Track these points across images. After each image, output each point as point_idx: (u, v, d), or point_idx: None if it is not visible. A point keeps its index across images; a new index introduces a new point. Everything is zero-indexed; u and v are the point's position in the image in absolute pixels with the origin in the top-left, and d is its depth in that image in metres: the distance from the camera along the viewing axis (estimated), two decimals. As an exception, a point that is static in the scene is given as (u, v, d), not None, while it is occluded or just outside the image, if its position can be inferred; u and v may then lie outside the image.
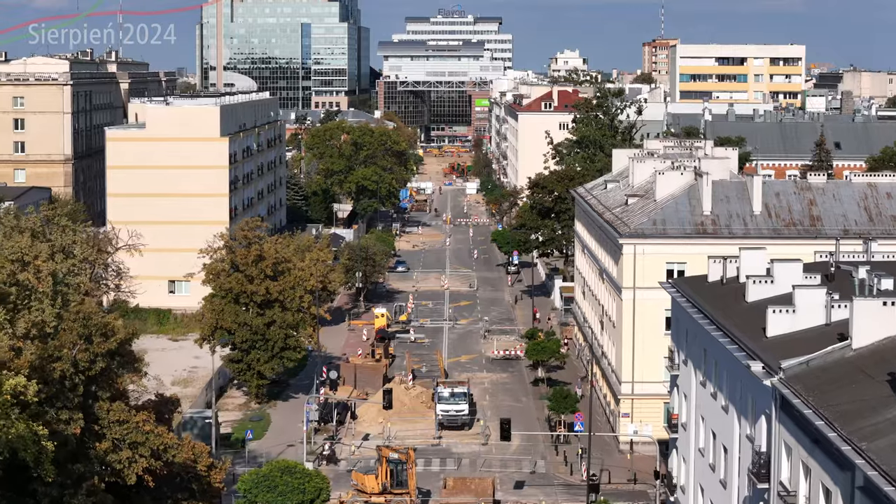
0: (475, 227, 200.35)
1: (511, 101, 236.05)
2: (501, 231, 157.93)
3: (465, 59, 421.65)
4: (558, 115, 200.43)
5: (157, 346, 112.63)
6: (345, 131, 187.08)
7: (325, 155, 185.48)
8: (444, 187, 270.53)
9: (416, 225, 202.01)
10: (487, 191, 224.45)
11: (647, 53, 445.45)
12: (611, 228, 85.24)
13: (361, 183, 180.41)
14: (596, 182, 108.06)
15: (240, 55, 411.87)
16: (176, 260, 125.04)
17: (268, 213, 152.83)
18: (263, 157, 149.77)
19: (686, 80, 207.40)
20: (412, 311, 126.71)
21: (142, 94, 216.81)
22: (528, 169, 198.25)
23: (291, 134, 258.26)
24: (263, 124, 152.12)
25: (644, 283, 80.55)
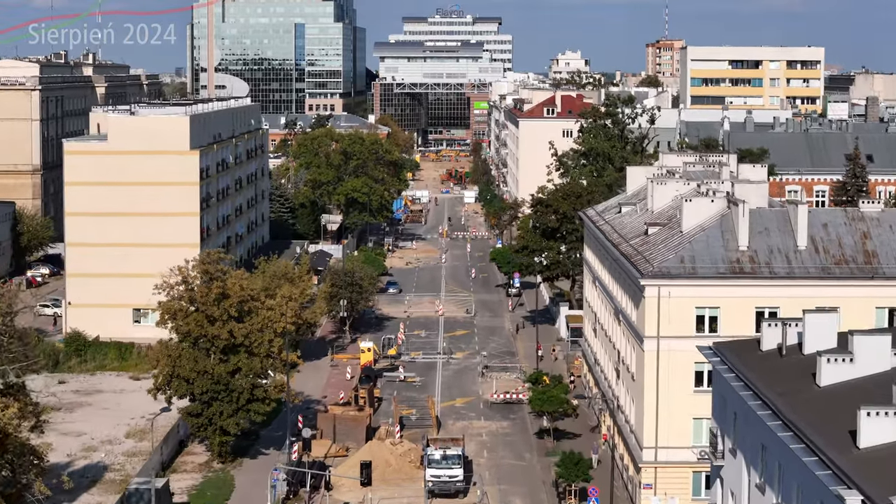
0: (473, 240, 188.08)
1: (511, 106, 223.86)
2: (501, 249, 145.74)
3: (463, 60, 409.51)
4: (561, 122, 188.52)
5: (116, 387, 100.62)
6: (334, 139, 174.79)
7: (313, 165, 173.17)
8: (441, 195, 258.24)
9: (410, 239, 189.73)
10: (486, 201, 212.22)
11: (651, 55, 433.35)
12: (629, 264, 72.96)
13: (351, 195, 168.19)
14: (608, 203, 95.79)
15: (231, 56, 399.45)
16: (140, 286, 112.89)
17: (247, 230, 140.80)
18: (242, 169, 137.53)
19: (697, 84, 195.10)
20: (402, 344, 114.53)
21: (120, 99, 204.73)
22: (529, 179, 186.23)
23: (281, 139, 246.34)
24: (242, 133, 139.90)
25: (670, 332, 68.35)
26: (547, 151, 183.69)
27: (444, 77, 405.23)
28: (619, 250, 77.97)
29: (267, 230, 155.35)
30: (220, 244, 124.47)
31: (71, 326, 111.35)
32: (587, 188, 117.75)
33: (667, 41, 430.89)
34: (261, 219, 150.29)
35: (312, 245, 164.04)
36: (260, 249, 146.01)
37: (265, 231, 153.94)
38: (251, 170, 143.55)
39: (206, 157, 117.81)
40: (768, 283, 68.39)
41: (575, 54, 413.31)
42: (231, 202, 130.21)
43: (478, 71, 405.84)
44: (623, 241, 79.35)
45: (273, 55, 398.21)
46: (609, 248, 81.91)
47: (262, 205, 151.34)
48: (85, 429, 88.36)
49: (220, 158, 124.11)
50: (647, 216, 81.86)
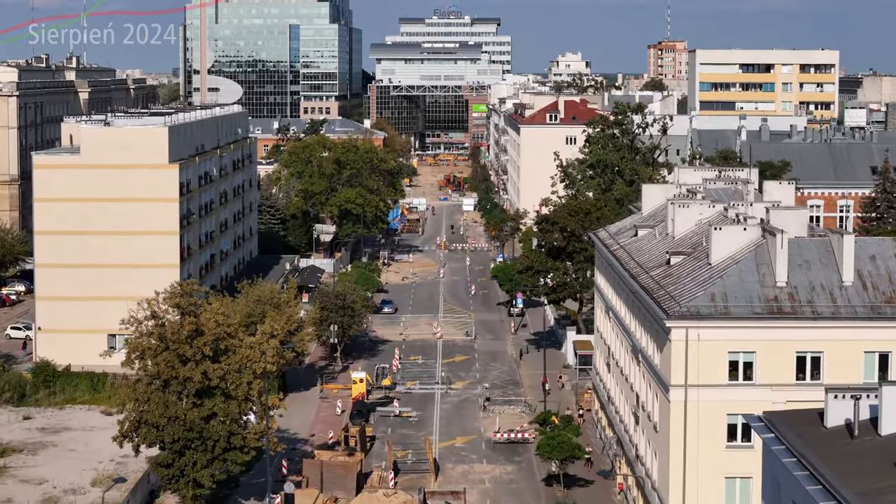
0: (472, 252, 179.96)
1: (512, 111, 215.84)
2: (503, 266, 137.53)
3: (461, 61, 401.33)
4: (565, 129, 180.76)
5: (86, 423, 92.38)
6: (326, 147, 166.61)
7: (305, 174, 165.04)
8: (438, 202, 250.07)
9: (406, 251, 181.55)
10: (486, 211, 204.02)
11: (653, 56, 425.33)
12: (651, 301, 64.82)
13: (345, 206, 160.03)
14: (622, 225, 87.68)
15: (225, 58, 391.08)
16: (116, 310, 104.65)
17: (234, 246, 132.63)
18: (228, 182, 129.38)
19: (706, 88, 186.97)
20: (398, 372, 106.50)
21: (105, 105, 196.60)
22: (531, 189, 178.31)
23: (274, 145, 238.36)
24: (228, 143, 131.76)
25: (700, 380, 60.26)
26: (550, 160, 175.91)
27: (442, 79, 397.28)
28: (637, 282, 69.82)
29: (255, 244, 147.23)
30: (203, 264, 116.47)
31: (40, 354, 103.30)
32: (596, 204, 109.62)
33: (669, 42, 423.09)
34: (248, 233, 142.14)
35: (304, 259, 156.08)
36: (247, 266, 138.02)
37: (253, 245, 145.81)
38: (238, 182, 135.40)
39: (186, 170, 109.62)
40: (810, 324, 60.33)
41: (575, 56, 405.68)
42: (215, 217, 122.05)
43: (476, 73, 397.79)
44: (642, 272, 71.21)
45: (267, 57, 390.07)
46: (626, 278, 73.77)
47: (249, 218, 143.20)
48: (48, 474, 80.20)
49: (202, 171, 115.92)
50: (669, 243, 73.82)
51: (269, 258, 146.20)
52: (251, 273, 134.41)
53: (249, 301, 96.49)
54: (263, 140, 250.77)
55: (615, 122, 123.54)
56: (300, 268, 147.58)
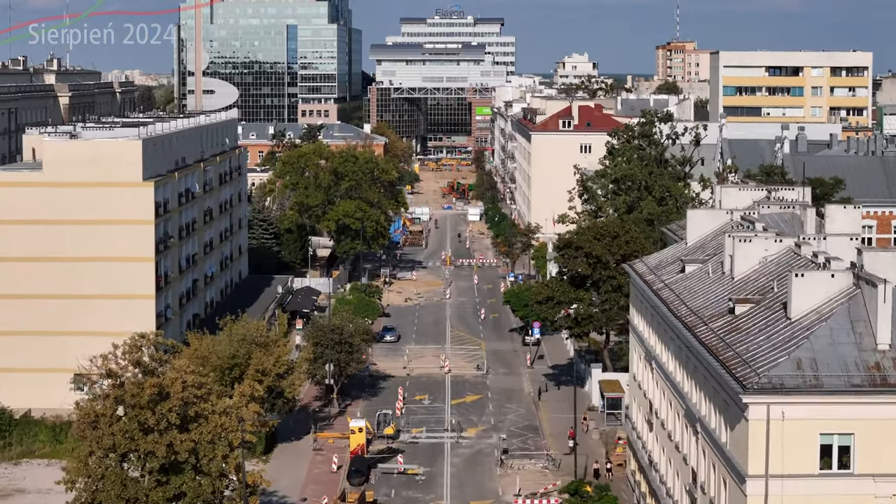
0: (480, 269, 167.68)
1: (521, 117, 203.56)
2: (516, 290, 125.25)
3: (464, 63, 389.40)
4: (579, 136, 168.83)
5: (43, 483, 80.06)
6: (323, 156, 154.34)
7: (300, 186, 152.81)
8: (442, 212, 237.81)
9: (409, 267, 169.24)
10: (493, 223, 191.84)
11: (662, 57, 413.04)
12: (717, 364, 52.58)
13: (343, 220, 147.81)
14: (663, 256, 75.40)
15: (220, 59, 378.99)
16: (82, 347, 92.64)
17: (220, 267, 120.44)
18: (214, 197, 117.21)
19: (730, 93, 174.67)
20: (401, 415, 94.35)
21: (88, 110, 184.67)
22: (543, 201, 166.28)
23: (268, 152, 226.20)
24: (214, 155, 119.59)
25: (784, 469, 48.08)
26: (564, 169, 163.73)
27: (444, 81, 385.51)
28: (695, 336, 57.54)
29: (245, 264, 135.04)
30: (184, 291, 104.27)
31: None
32: (623, 226, 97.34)
33: (678, 43, 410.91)
34: (237, 252, 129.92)
35: (298, 279, 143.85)
36: (236, 289, 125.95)
37: (243, 265, 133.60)
38: (225, 196, 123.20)
39: (163, 188, 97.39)
40: (923, 398, 48.14)
41: (582, 57, 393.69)
42: (198, 238, 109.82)
43: (479, 74, 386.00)
44: (699, 322, 58.93)
45: (264, 58, 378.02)
46: (677, 327, 61.51)
47: (238, 236, 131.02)
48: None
49: (183, 188, 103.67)
50: (728, 285, 61.60)
51: (259, 279, 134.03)
52: (240, 297, 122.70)
53: (233, 340, 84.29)
54: (258, 146, 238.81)
55: (641, 132, 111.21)
56: (294, 289, 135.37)
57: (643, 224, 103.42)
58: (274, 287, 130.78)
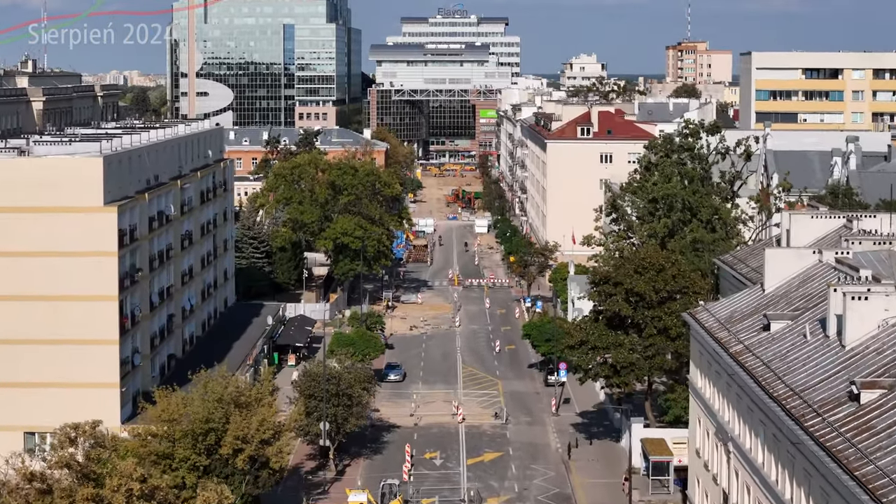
0: (492, 290, 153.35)
1: (533, 122, 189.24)
2: (537, 323, 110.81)
3: (467, 64, 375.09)
4: (599, 144, 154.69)
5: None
6: (319, 167, 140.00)
7: (293, 200, 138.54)
8: (447, 222, 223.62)
9: (413, 288, 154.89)
10: (504, 238, 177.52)
11: (672, 57, 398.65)
12: (851, 481, 38.32)
13: (341, 239, 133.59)
14: (736, 306, 61.16)
15: (214, 60, 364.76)
16: (34, 401, 78.84)
17: (202, 297, 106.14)
18: (193, 219, 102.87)
19: (764, 97, 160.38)
20: (409, 481, 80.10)
21: (64, 115, 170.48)
22: (560, 216, 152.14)
23: (262, 159, 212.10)
24: (196, 170, 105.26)
25: None
26: (583, 180, 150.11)
27: (447, 83, 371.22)
28: (808, 433, 43.27)
29: (232, 289, 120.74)
30: (156, 330, 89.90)
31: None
32: (670, 257, 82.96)
33: (689, 43, 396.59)
34: (223, 277, 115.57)
35: (291, 305, 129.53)
36: (220, 320, 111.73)
37: (229, 291, 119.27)
38: (208, 216, 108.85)
39: (130, 212, 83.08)
40: None
41: (590, 58, 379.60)
42: (174, 267, 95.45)
43: (483, 76, 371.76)
44: (809, 412, 44.65)
45: (260, 59, 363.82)
46: (773, 412, 47.24)
47: (224, 259, 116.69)
48: None
49: (155, 211, 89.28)
50: (840, 356, 47.50)
51: (247, 308, 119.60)
52: (224, 331, 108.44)
53: (207, 401, 69.87)
54: (251, 152, 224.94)
55: (685, 145, 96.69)
56: (285, 319, 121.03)
57: (689, 252, 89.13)
58: (263, 317, 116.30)
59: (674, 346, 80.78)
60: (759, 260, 75.29)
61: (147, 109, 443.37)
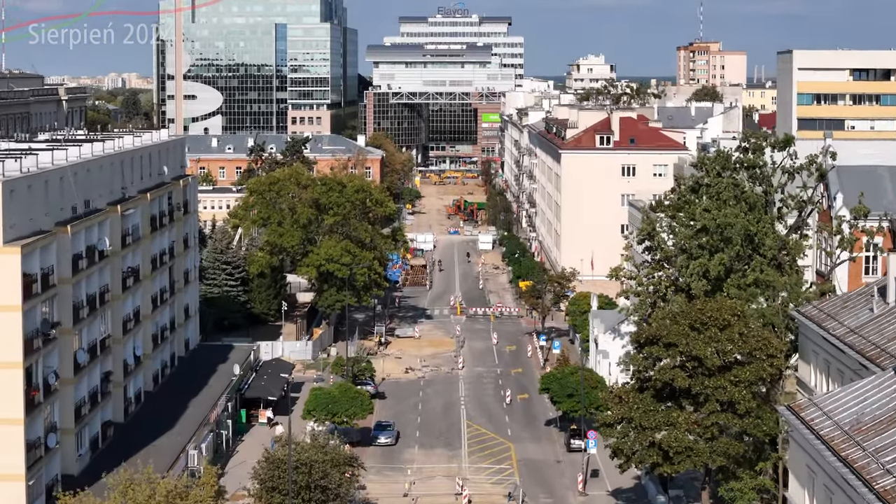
0: (499, 320, 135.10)
1: (543, 129, 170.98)
2: (557, 375, 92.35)
3: (469, 65, 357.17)
4: (621, 155, 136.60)
5: None
6: (301, 183, 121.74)
7: (272, 221, 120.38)
8: (447, 236, 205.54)
9: (410, 318, 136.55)
10: (512, 259, 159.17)
11: (684, 59, 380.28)
12: None
13: (326, 267, 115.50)
14: (862, 402, 42.80)
15: (202, 61, 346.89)
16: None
17: (154, 344, 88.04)
18: (141, 251, 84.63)
19: (806, 101, 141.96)
20: None
21: (20, 122, 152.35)
22: (576, 237, 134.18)
23: (245, 170, 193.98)
24: (145, 191, 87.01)
25: None
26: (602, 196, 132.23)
27: (447, 85, 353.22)
28: None
29: (195, 329, 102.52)
30: (84, 396, 71.59)
31: None
32: (733, 308, 64.56)
33: (702, 43, 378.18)
34: (182, 316, 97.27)
35: (267, 345, 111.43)
36: (180, 367, 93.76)
37: (191, 331, 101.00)
38: (162, 246, 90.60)
39: (42, 252, 64.81)
40: None
41: (598, 58, 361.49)
42: (112, 313, 77.14)
43: (486, 78, 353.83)
44: None
45: (250, 60, 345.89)
46: None
47: (186, 294, 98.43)
48: None
49: (82, 247, 70.89)
50: None
51: (213, 350, 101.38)
52: (180, 384, 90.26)
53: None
54: (235, 161, 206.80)
55: (747, 162, 78.19)
56: (259, 364, 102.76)
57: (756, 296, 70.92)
58: (231, 362, 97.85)
59: (741, 424, 62.59)
60: (857, 317, 57.36)
61: (137, 113, 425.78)
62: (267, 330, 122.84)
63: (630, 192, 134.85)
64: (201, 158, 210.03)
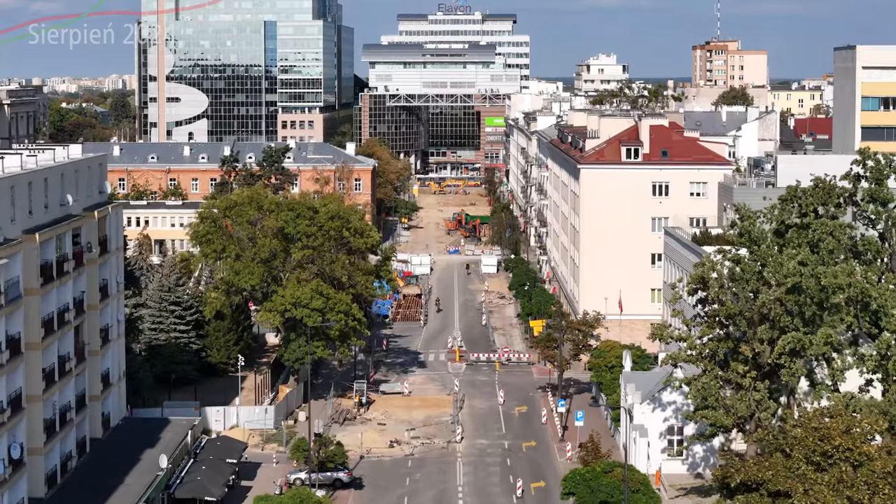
0: (506, 367, 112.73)
1: (556, 137, 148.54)
2: (586, 475, 69.73)
3: (471, 65, 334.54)
4: (652, 171, 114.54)
5: None
6: (263, 207, 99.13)
7: (227, 254, 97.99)
8: (447, 256, 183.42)
9: (399, 365, 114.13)
10: (521, 291, 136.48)
11: (700, 59, 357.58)
12: None
13: (293, 313, 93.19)
14: None
15: (187, 62, 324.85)
16: None
17: (47, 435, 65.53)
18: (26, 311, 62.33)
19: (872, 107, 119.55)
20: None
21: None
22: (600, 271, 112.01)
23: (217, 183, 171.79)
24: (32, 231, 64.70)
25: None
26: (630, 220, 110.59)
27: (448, 86, 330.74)
28: None
29: (118, 399, 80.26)
30: None
31: None
32: (875, 424, 41.99)
33: (719, 42, 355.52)
34: (98, 387, 75.05)
35: (217, 411, 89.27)
36: (91, 458, 71.46)
37: (113, 403, 78.77)
38: (62, 301, 68.33)
39: None
40: None
41: (609, 58, 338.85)
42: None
43: (489, 79, 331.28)
44: None
45: (238, 60, 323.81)
46: None
47: (105, 357, 76.23)
48: None
49: None
50: None
51: (141, 427, 79.11)
52: (88, 481, 68.04)
53: None
54: (209, 171, 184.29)
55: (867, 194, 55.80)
56: (201, 444, 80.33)
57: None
58: (163, 444, 75.55)
59: None
60: None
61: (126, 115, 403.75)
62: (226, 383, 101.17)
63: (663, 214, 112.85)
64: (171, 169, 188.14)
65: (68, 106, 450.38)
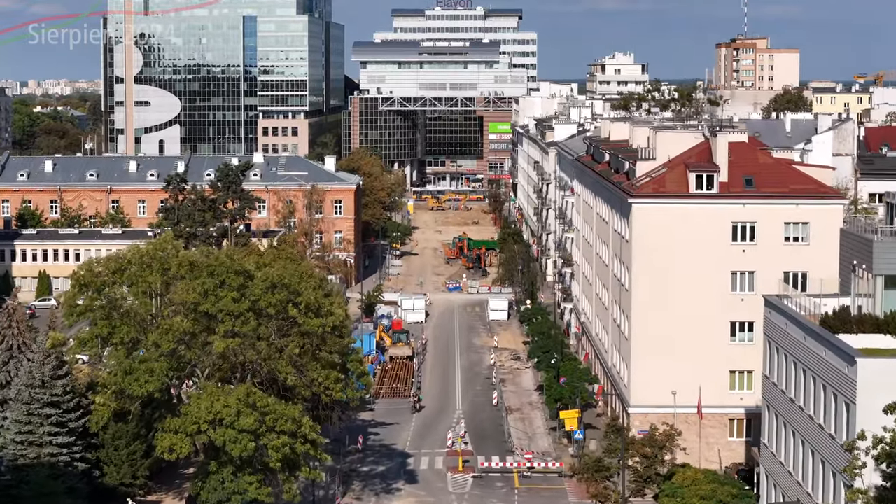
0: (527, 482, 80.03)
1: (586, 154, 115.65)
2: None
3: (473, 65, 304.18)
4: (733, 208, 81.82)
5: None
6: (171, 270, 66.32)
7: (115, 343, 65.31)
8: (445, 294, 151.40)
9: (379, 477, 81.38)
10: (542, 359, 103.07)
11: (725, 58, 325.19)
12: None
13: (210, 436, 60.69)
14: None
15: (158, 62, 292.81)
16: None
17: None
18: None
19: None
20: None
21: None
22: (661, 350, 79.29)
23: (162, 208, 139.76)
24: None
25: None
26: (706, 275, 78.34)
27: (448, 88, 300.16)
28: None
29: None
30: None
31: None
32: None
33: (746, 40, 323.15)
34: None
35: None
36: None
37: None
38: None
39: None
40: None
41: (626, 58, 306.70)
42: None
43: (493, 80, 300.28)
44: None
45: (214, 60, 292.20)
46: None
47: None
48: None
49: None
50: None
51: None
52: None
53: None
54: (158, 192, 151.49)
55: None
56: None
57: None
58: None
59: None
60: None
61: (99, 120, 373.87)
62: (126, 520, 68.98)
63: (747, 268, 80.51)
64: (113, 189, 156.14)
65: (43, 110, 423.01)
